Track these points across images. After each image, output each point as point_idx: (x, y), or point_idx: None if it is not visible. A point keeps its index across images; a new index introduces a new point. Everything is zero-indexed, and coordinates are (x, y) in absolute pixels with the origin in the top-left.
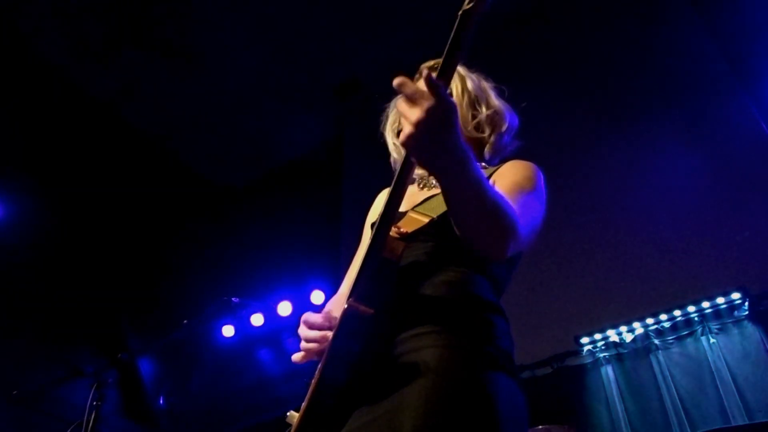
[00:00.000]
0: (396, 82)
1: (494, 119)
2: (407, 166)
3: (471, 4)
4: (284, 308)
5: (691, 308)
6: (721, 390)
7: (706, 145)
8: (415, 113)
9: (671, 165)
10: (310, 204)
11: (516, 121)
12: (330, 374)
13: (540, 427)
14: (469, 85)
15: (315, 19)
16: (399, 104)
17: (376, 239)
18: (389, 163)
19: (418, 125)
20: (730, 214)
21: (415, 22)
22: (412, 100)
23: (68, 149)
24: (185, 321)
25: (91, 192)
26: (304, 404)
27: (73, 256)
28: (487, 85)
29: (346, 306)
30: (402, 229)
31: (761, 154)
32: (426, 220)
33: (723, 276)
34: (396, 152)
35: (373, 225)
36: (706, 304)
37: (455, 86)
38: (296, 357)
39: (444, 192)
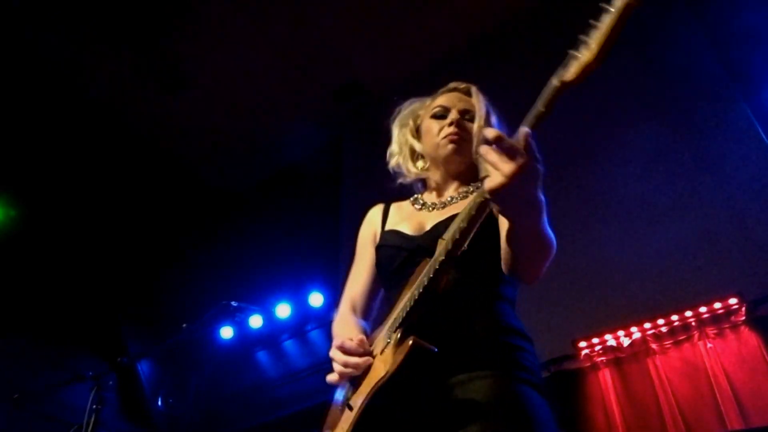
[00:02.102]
0: (493, 135)
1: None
2: (482, 211)
3: (573, 78)
4: (283, 310)
5: (688, 313)
6: (717, 395)
7: (703, 150)
8: (509, 167)
9: (668, 169)
10: (309, 207)
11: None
12: (378, 403)
13: None
14: (493, 120)
15: (314, 22)
16: (489, 154)
17: (434, 279)
18: (387, 169)
19: (512, 178)
20: (727, 219)
21: (415, 26)
22: (509, 154)
23: (69, 153)
24: (184, 325)
25: (92, 196)
26: (348, 427)
27: (74, 260)
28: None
29: (411, 341)
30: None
31: (758, 159)
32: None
33: (720, 281)
34: (398, 145)
35: (379, 248)
36: (703, 309)
37: (479, 117)
38: (332, 378)
39: (512, 231)
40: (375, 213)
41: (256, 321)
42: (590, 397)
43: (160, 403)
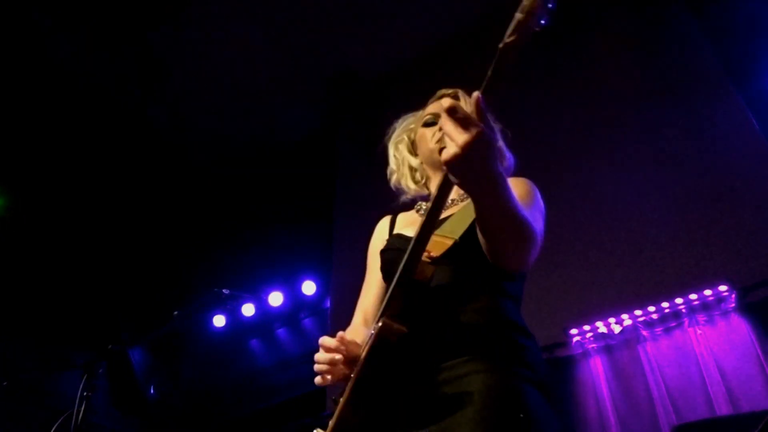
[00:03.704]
0: (447, 105)
1: (498, 156)
2: (445, 188)
3: (512, 38)
4: (275, 298)
5: (678, 300)
6: (707, 381)
7: (695, 140)
8: (463, 137)
9: (661, 159)
10: (302, 194)
11: (512, 163)
12: (362, 392)
13: None
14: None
15: (309, 9)
16: (445, 124)
17: (409, 263)
18: (382, 157)
19: (465, 148)
20: (718, 207)
21: (410, 13)
22: (463, 124)
23: (59, 140)
24: (176, 312)
25: (84, 183)
26: (332, 422)
27: (65, 248)
28: (496, 125)
29: (380, 324)
30: (431, 253)
31: (750, 149)
32: (450, 242)
33: (710, 268)
34: (396, 164)
35: (383, 251)
36: (693, 296)
37: None
38: (317, 380)
39: (478, 210)
40: (383, 223)
41: (248, 309)
42: (581, 383)
43: (152, 391)
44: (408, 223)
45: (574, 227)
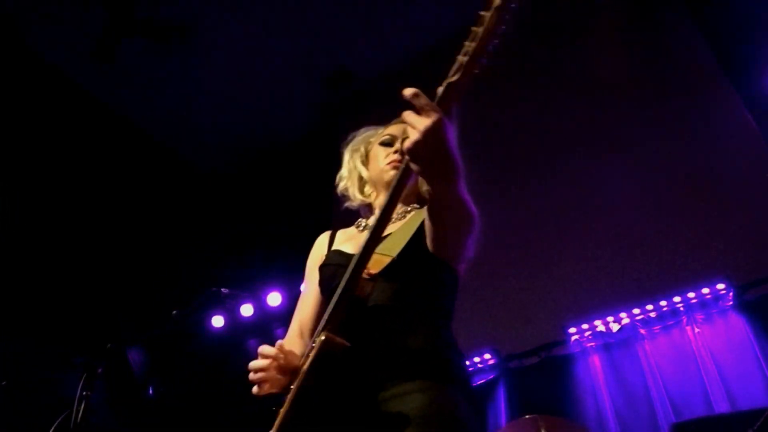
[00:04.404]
0: (410, 92)
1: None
2: (398, 190)
3: (456, 77)
4: (274, 298)
5: (676, 298)
6: (705, 379)
7: (692, 137)
8: (424, 123)
9: (659, 157)
10: (301, 194)
11: None
12: (303, 404)
13: (527, 416)
14: None
15: (307, 8)
16: (407, 115)
17: (351, 278)
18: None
19: (426, 133)
20: (716, 205)
21: (408, 13)
22: (423, 111)
23: (59, 141)
24: (174, 312)
25: (83, 183)
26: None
27: (64, 248)
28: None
29: (323, 337)
30: (370, 270)
31: (747, 146)
32: (388, 260)
33: (708, 267)
34: (348, 170)
35: (322, 267)
36: (691, 295)
37: None
38: (254, 390)
39: (434, 195)
40: (323, 238)
41: (247, 309)
42: (580, 382)
43: (151, 391)
44: (346, 239)
45: (572, 226)
